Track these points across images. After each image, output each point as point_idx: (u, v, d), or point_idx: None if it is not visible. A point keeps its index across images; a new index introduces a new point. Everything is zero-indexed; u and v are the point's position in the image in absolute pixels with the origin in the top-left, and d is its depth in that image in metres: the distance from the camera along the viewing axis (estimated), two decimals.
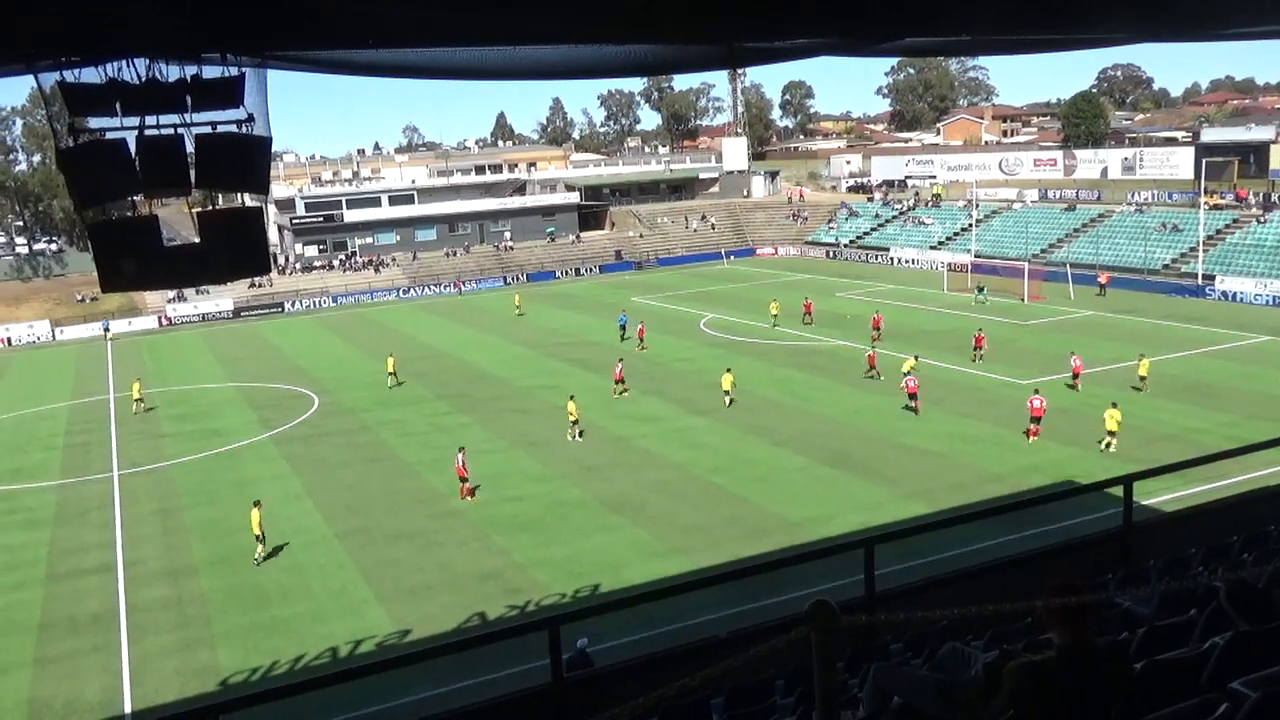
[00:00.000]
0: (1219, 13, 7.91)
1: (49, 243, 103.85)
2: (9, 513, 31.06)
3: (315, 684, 7.96)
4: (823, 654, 3.78)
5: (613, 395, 39.62)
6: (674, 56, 7.83)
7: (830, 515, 25.77)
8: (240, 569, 25.06)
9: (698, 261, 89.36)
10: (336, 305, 79.13)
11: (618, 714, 3.22)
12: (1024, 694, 4.29)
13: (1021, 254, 66.80)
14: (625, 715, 3.26)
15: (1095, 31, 8.54)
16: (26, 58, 5.80)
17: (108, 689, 19.65)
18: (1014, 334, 48.26)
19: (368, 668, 12.40)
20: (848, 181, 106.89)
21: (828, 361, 43.48)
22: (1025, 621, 7.72)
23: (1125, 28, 8.46)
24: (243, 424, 40.32)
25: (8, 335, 71.68)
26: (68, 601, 23.94)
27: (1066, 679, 4.31)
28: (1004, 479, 27.40)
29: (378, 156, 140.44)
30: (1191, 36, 10.65)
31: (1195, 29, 9.24)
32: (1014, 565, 10.19)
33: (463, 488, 29.01)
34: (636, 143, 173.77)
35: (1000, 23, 7.62)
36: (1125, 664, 4.73)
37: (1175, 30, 9.43)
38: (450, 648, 8.69)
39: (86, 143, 6.70)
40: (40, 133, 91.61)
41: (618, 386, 39.87)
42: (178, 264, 7.88)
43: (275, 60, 6.63)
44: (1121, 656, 4.73)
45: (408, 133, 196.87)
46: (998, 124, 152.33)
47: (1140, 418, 31.90)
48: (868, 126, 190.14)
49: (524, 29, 6.19)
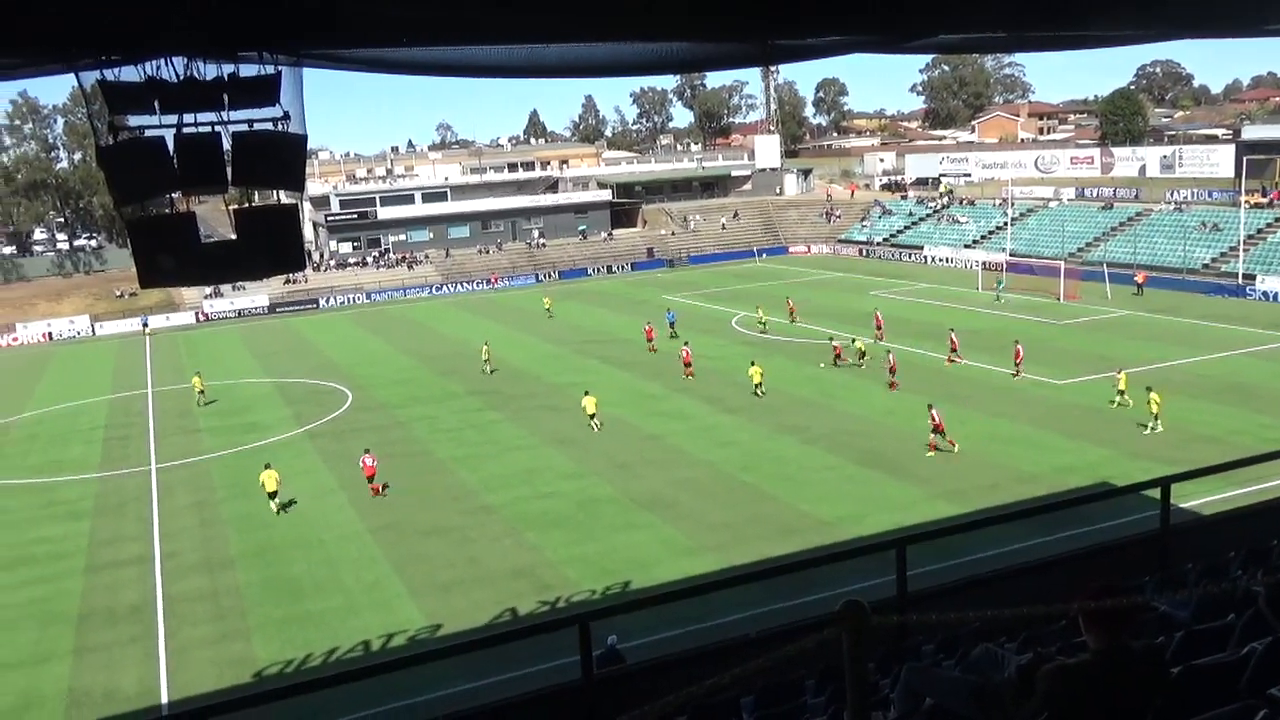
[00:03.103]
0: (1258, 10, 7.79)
1: (89, 239, 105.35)
2: (50, 504, 31.57)
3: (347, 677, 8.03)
4: (854, 654, 3.76)
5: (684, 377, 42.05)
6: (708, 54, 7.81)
7: (862, 515, 25.65)
8: (275, 562, 25.33)
9: (729, 259, 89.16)
10: (370, 302, 79.72)
11: (648, 711, 3.22)
12: (1058, 698, 4.24)
13: (1057, 253, 66.10)
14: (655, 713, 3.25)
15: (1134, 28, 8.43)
16: (68, 57, 5.88)
17: (145, 679, 19.93)
18: (1049, 334, 47.76)
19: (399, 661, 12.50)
20: (881, 179, 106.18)
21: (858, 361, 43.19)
22: (1060, 624, 7.64)
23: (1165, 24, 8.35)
24: (278, 419, 40.73)
25: (49, 330, 72.83)
26: (106, 592, 24.31)
27: (1102, 683, 4.26)
28: (1038, 480, 27.13)
29: (411, 154, 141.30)
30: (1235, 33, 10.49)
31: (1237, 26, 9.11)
32: (1049, 567, 10.09)
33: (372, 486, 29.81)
34: (669, 140, 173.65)
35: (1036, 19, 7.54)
36: (1162, 668, 4.67)
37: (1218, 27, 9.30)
38: (481, 643, 8.71)
39: (126, 140, 6.78)
40: (81, 130, 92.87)
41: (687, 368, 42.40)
42: (214, 260, 7.97)
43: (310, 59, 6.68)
44: (1158, 661, 4.67)
45: (441, 130, 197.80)
46: (1034, 121, 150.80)
47: (1178, 419, 31.50)
48: (902, 124, 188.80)
49: (557, 27, 6.20)
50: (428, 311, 71.73)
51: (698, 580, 20.30)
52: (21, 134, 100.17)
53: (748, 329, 53.69)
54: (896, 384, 38.31)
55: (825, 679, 7.83)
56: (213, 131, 6.74)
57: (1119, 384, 33.99)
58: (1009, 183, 77.90)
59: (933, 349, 44.00)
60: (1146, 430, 30.42)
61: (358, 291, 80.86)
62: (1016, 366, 38.79)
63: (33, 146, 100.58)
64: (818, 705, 7.54)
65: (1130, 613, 4.67)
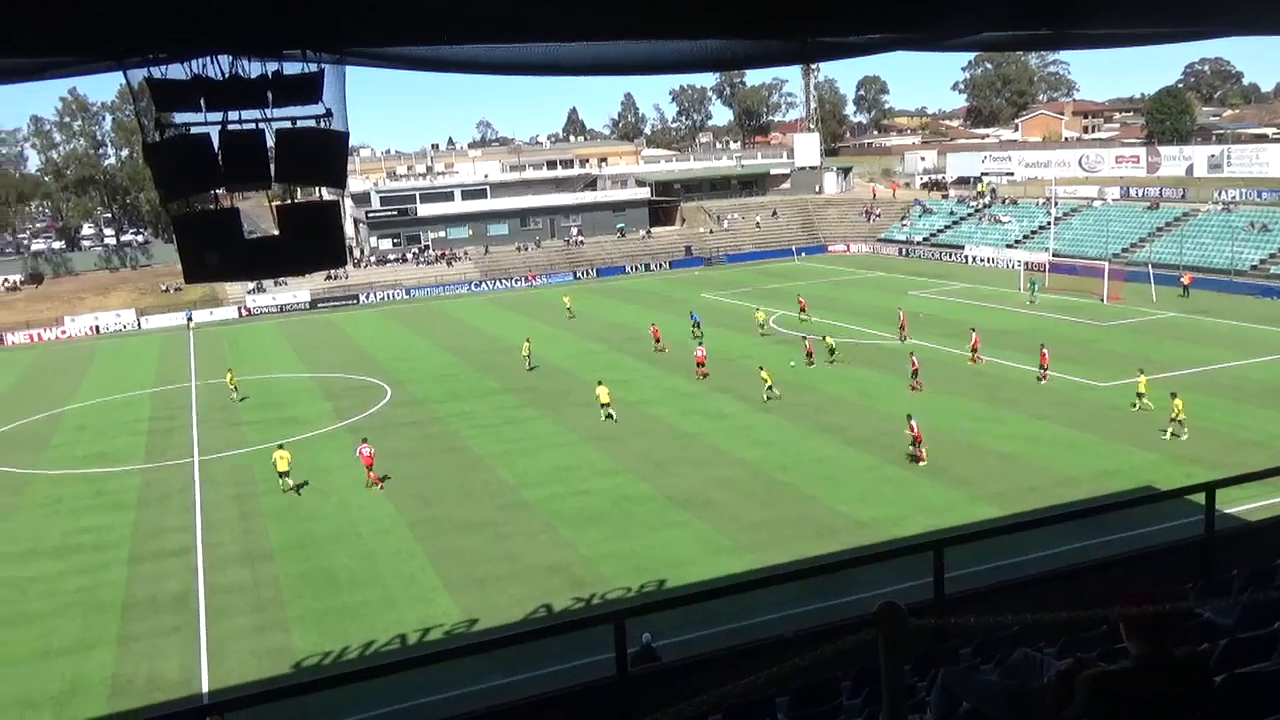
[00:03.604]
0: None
1: (136, 234, 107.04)
2: (96, 495, 32.14)
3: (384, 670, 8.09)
4: (891, 656, 3.74)
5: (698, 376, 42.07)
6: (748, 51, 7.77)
7: (900, 516, 25.46)
8: (314, 555, 25.62)
9: (768, 258, 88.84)
10: (409, 298, 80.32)
11: (682, 709, 3.22)
12: (1098, 704, 4.19)
13: (1101, 253, 65.22)
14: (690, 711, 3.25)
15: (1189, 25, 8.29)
16: (117, 55, 5.97)
17: (186, 668, 20.24)
18: (1092, 335, 47.13)
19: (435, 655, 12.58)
20: (921, 178, 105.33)
21: (898, 360, 42.84)
22: (1100, 629, 7.54)
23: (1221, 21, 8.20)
24: (318, 413, 41.17)
25: (96, 323, 74.12)
26: (149, 582, 24.70)
27: (1143, 690, 4.20)
28: (1079, 483, 26.78)
29: (451, 151, 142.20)
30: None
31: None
32: (1090, 571, 9.96)
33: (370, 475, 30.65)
34: (708, 138, 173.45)
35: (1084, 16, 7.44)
36: (1205, 676, 4.59)
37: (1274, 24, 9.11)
38: (517, 638, 8.76)
39: (172, 137, 6.86)
40: (129, 127, 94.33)
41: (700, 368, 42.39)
42: (257, 256, 8.05)
43: (353, 57, 6.73)
44: (1201, 668, 4.59)
45: (481, 128, 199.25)
46: (1078, 120, 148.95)
47: (1225, 423, 31.01)
48: (943, 122, 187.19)
49: (598, 24, 6.21)
50: (466, 308, 72.16)
51: (734, 579, 20.27)
52: (71, 131, 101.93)
53: (785, 328, 53.46)
54: (917, 386, 37.75)
55: (861, 680, 7.79)
56: (257, 129, 6.81)
57: (1139, 386, 33.51)
58: (1052, 182, 76.90)
59: (968, 349, 43.54)
60: (1166, 436, 29.82)
61: (397, 288, 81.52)
62: (1043, 370, 38.01)
63: (82, 143, 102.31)
64: (853, 707, 7.50)
65: (1173, 619, 4.60)
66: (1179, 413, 29.71)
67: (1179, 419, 29.73)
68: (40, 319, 74.68)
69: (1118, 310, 53.36)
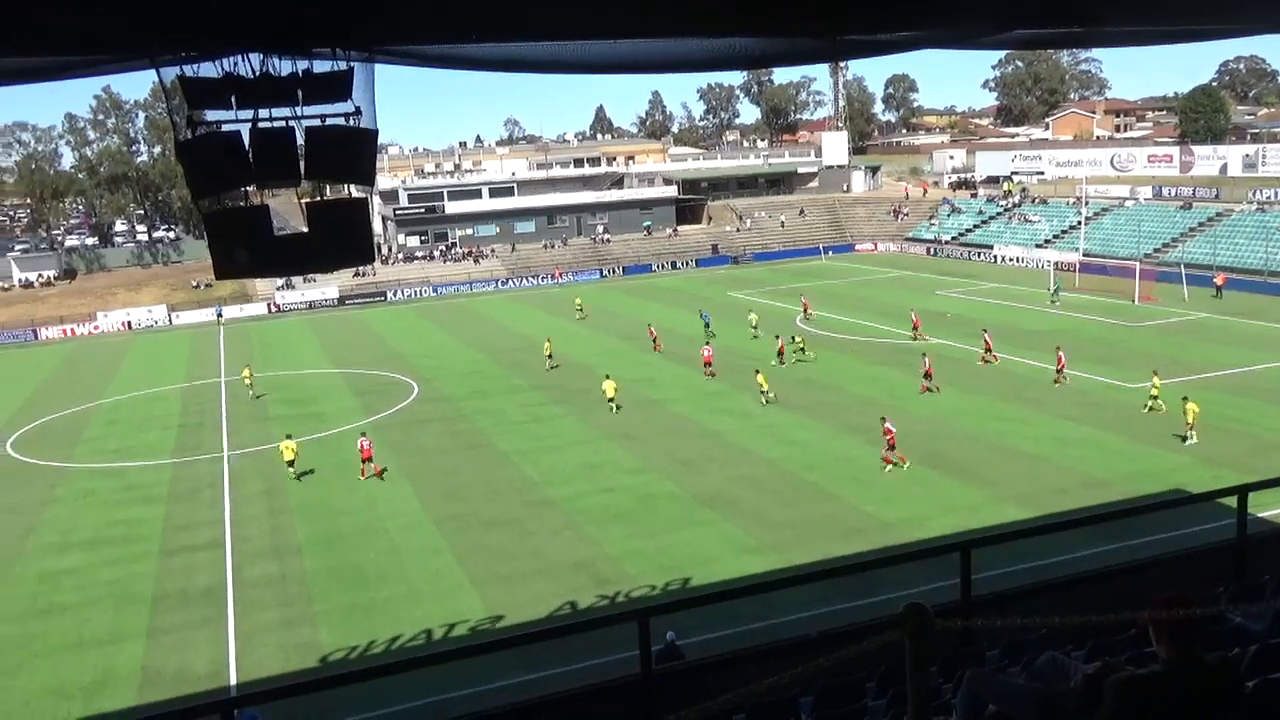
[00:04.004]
0: None
1: (168, 231, 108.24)
2: (127, 488, 32.52)
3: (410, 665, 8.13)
4: (916, 658, 3.72)
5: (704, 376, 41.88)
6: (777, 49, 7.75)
7: (926, 516, 25.32)
8: (341, 550, 25.80)
9: (795, 257, 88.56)
10: (436, 295, 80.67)
11: (707, 708, 3.22)
12: (1127, 709, 4.14)
13: (1133, 253, 64.50)
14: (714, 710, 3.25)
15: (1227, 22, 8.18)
16: (150, 53, 6.03)
17: (214, 661, 20.44)
18: (1122, 336, 46.66)
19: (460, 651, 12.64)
20: (950, 177, 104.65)
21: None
22: (1129, 633, 7.47)
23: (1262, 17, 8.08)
24: (345, 409, 41.45)
25: (128, 319, 74.97)
26: (179, 575, 24.97)
27: (1172, 695, 4.15)
28: (1109, 485, 26.53)
29: (479, 149, 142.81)
30: None
31: None
32: (1119, 574, 9.86)
33: (367, 468, 31.33)
34: (735, 136, 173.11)
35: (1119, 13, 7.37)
36: (1236, 682, 4.54)
37: None
38: (542, 635, 8.79)
39: (204, 135, 6.93)
40: (161, 125, 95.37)
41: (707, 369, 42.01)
42: (287, 252, 8.11)
43: (382, 55, 6.77)
44: (1232, 674, 4.54)
45: (508, 126, 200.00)
46: (1110, 118, 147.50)
47: (1257, 426, 30.64)
48: (973, 121, 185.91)
49: (627, 22, 6.21)
50: (493, 305, 72.40)
51: (758, 578, 20.24)
52: (105, 128, 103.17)
53: (812, 327, 53.26)
54: (928, 388, 37.34)
55: (886, 682, 7.76)
56: (287, 126, 6.86)
57: (1153, 388, 33.10)
58: (1083, 181, 76.17)
59: (1000, 350, 43.23)
60: (1186, 441, 29.31)
61: (424, 285, 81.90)
62: (1059, 372, 37.34)
63: (115, 140, 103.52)
64: (878, 708, 7.47)
65: (1203, 624, 4.54)
66: (1193, 416, 29.31)
67: (1190, 423, 29.33)
68: (74, 314, 75.67)
69: (1149, 311, 52.79)
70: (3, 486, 33.72)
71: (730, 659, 8.53)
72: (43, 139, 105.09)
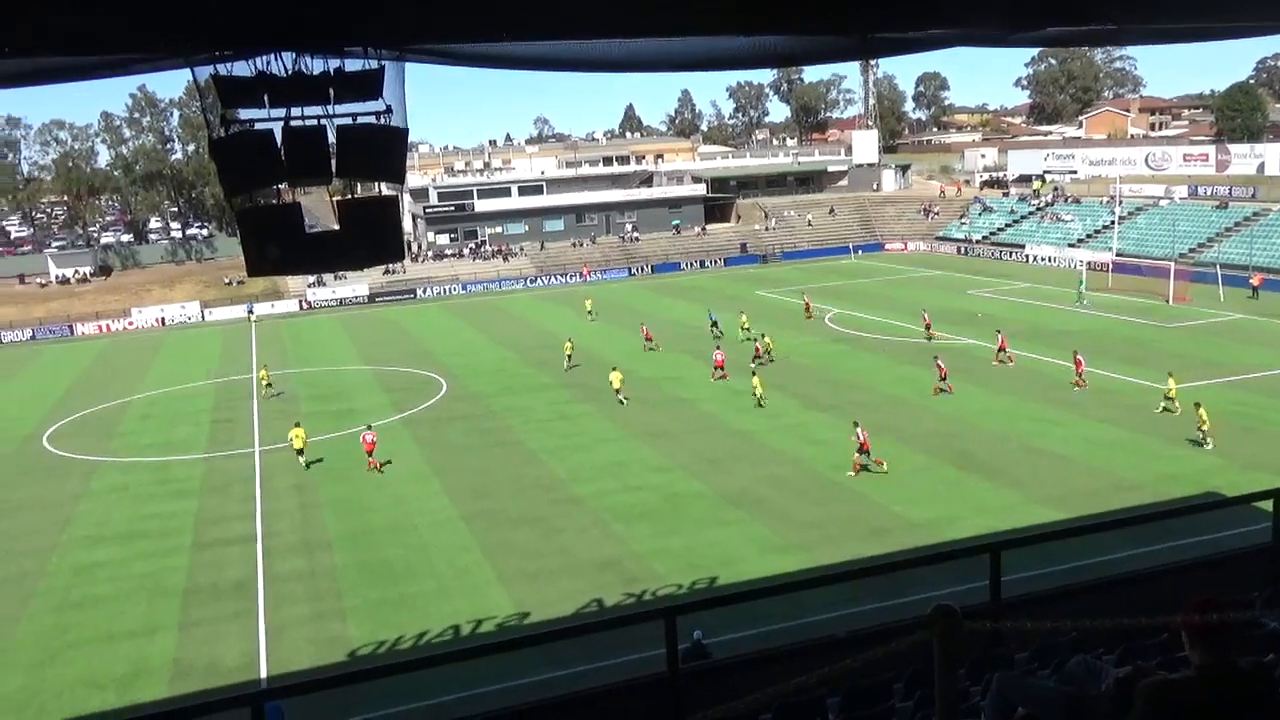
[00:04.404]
0: None
1: (201, 228, 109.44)
2: (161, 483, 32.90)
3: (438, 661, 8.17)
4: (945, 660, 3.70)
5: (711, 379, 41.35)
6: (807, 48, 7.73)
7: (955, 517, 25.15)
8: (370, 545, 25.97)
9: (824, 256, 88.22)
10: (466, 293, 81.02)
11: (733, 707, 3.22)
12: (1158, 714, 4.10)
13: (1167, 253, 63.73)
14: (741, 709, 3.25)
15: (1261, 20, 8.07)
16: (185, 52, 6.10)
17: (245, 654, 20.63)
18: (1156, 336, 46.13)
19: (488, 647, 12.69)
20: (982, 176, 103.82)
21: (955, 360, 42.35)
22: (1161, 637, 7.39)
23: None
24: (375, 405, 41.71)
25: (162, 315, 75.85)
26: (211, 569, 25.23)
27: (1205, 701, 4.10)
28: (1141, 487, 26.23)
29: (508, 147, 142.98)
30: None
31: None
32: (1151, 578, 9.75)
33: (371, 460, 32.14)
34: (765, 135, 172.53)
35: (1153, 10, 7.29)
36: (1270, 688, 4.47)
37: None
38: (569, 632, 8.81)
39: (237, 133, 7.01)
40: (195, 123, 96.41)
41: (716, 372, 41.69)
42: (318, 250, 8.19)
43: (412, 54, 6.81)
44: (1266, 679, 4.48)
45: (538, 124, 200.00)
46: (1145, 117, 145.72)
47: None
48: (1004, 119, 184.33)
49: (657, 21, 6.21)
50: (521, 303, 72.60)
51: (785, 578, 20.17)
52: (140, 126, 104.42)
53: (841, 326, 53.05)
54: (941, 389, 37.03)
55: (914, 683, 7.72)
56: (318, 124, 6.93)
57: (1169, 390, 32.70)
58: (1117, 180, 75.33)
59: (1030, 350, 42.89)
60: (1207, 446, 28.94)
61: (454, 282, 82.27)
62: (1078, 376, 36.75)
63: (150, 138, 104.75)
64: (905, 710, 7.43)
65: (1237, 629, 4.48)
66: (1204, 421, 28.97)
67: (1204, 427, 28.98)
68: (109, 310, 76.63)
69: (1184, 311, 52.15)
70: (40, 480, 34.21)
71: (757, 658, 8.51)
72: (79, 137, 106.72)
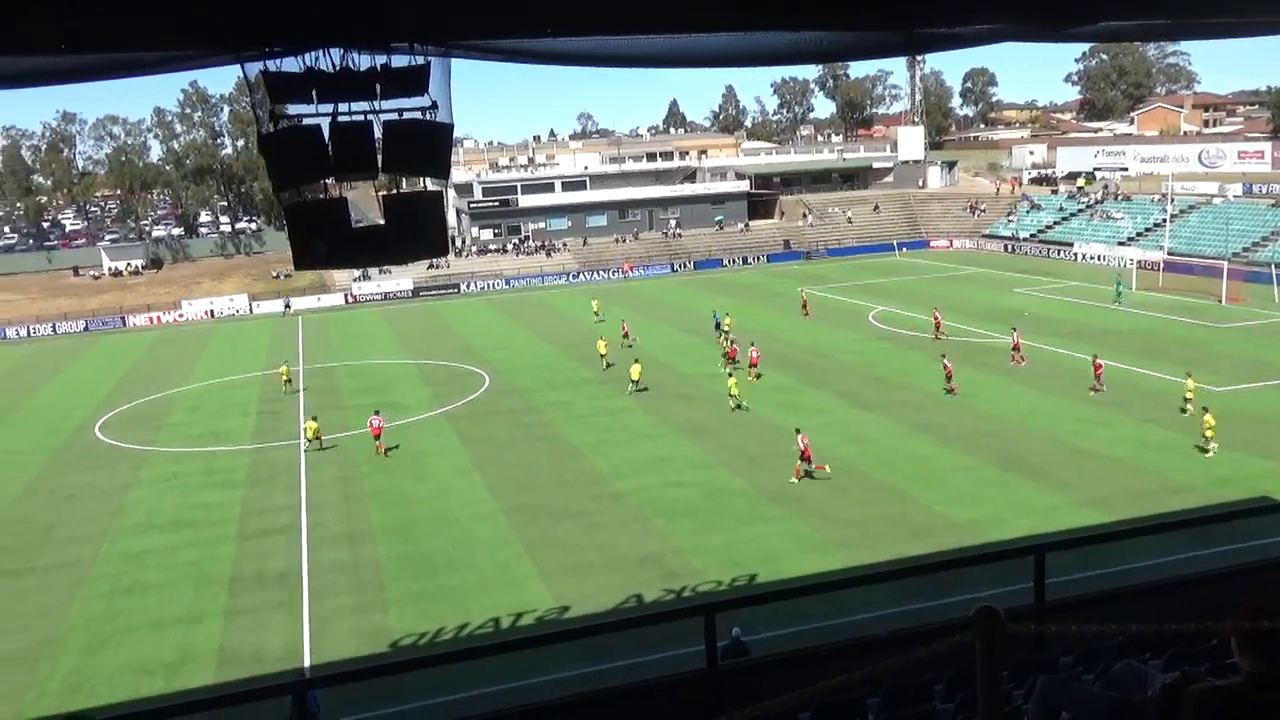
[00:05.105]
0: None
1: (250, 222, 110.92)
2: (208, 472, 33.44)
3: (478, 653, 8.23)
4: (987, 662, 3.65)
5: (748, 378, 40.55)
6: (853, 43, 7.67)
7: (999, 518, 24.88)
8: (412, 538, 26.21)
9: (868, 253, 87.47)
10: (509, 287, 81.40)
11: (772, 706, 3.20)
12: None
13: (1220, 252, 62.49)
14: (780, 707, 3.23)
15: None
16: (236, 48, 6.19)
17: (289, 643, 20.92)
18: (1208, 337, 45.26)
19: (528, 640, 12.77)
20: (1030, 173, 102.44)
21: (1000, 359, 41.87)
22: (1210, 643, 7.26)
23: None
24: (418, 399, 42.07)
25: (211, 307, 77.00)
26: (256, 559, 25.61)
27: (1254, 708, 4.02)
28: (1192, 490, 25.77)
29: (552, 143, 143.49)
30: None
31: None
32: (1200, 582, 9.57)
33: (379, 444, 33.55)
34: (809, 131, 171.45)
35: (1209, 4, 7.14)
36: None
37: None
38: (608, 627, 8.82)
39: (285, 128, 7.09)
40: (244, 119, 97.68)
41: (752, 369, 41.39)
42: (364, 244, 8.27)
43: (458, 50, 6.85)
44: None
45: (582, 120, 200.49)
46: (1198, 113, 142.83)
47: None
48: (1054, 115, 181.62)
49: (703, 17, 6.19)
50: (564, 298, 72.80)
51: (826, 577, 20.07)
52: (191, 121, 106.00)
53: (885, 324, 52.64)
54: (952, 389, 36.65)
55: (955, 685, 7.65)
56: (365, 120, 6.99)
57: (1188, 390, 32.13)
58: (1169, 177, 73.98)
59: (1076, 349, 42.26)
60: (1206, 453, 28.41)
61: (497, 277, 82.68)
62: (1097, 380, 35.92)
63: (201, 133, 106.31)
64: (946, 711, 7.37)
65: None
66: (1209, 428, 28.44)
67: (1208, 433, 28.45)
68: (159, 303, 77.93)
69: (1236, 312, 51.11)
70: (92, 468, 34.93)
71: (796, 657, 8.47)
72: (132, 132, 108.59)
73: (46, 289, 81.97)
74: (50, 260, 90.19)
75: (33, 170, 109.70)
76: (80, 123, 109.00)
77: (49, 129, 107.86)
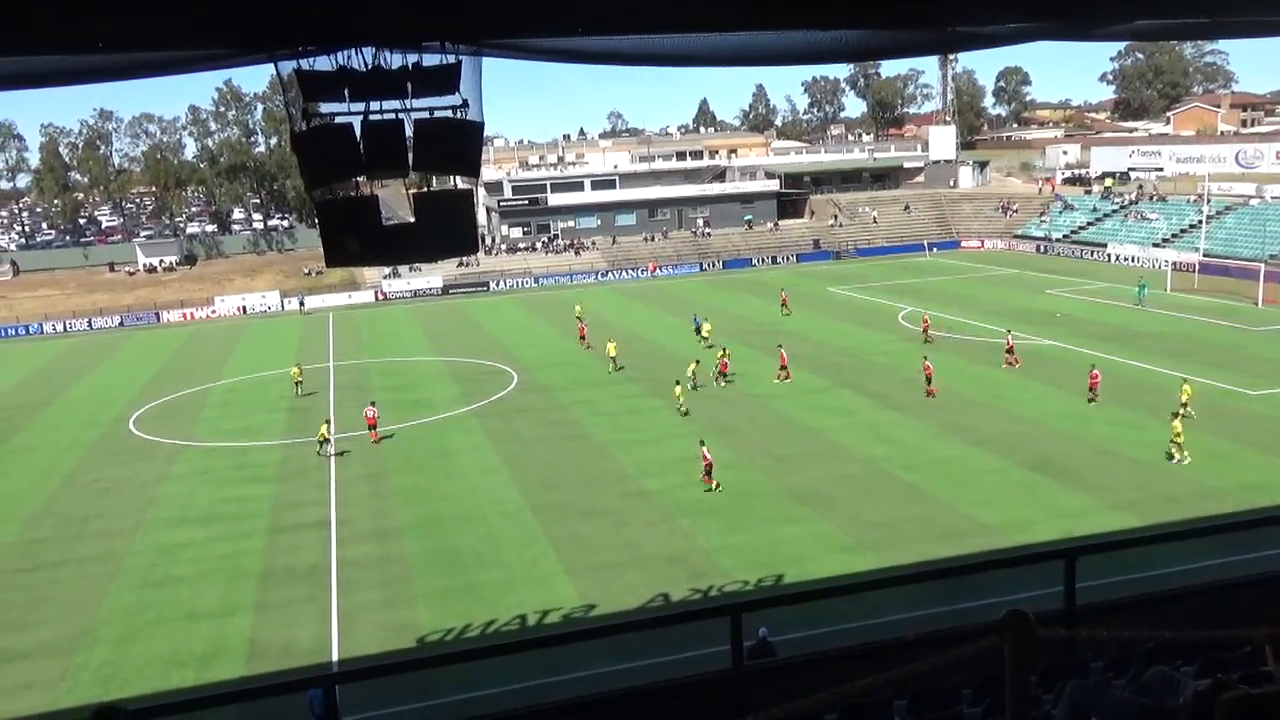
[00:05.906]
0: None
1: (282, 219, 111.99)
2: (239, 467, 33.76)
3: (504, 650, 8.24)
4: (1016, 666, 3.63)
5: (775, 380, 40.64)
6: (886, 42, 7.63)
7: (1029, 521, 24.67)
8: (440, 534, 26.34)
9: (898, 253, 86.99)
10: (538, 286, 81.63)
11: (799, 707, 3.20)
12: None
13: (1257, 254, 61.62)
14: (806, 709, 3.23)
15: None
16: (269, 47, 6.24)
17: (318, 637, 21.09)
18: (1243, 340, 44.64)
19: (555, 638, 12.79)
20: (1063, 173, 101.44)
21: (1031, 361, 41.50)
22: (1243, 650, 7.17)
23: None
24: (447, 397, 42.27)
25: (243, 304, 77.76)
26: (286, 553, 25.83)
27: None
28: (1225, 495, 25.44)
29: (582, 142, 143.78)
30: None
31: None
32: (1233, 589, 9.44)
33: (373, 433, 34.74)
34: (840, 130, 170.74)
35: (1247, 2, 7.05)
36: None
37: None
38: (634, 625, 8.82)
39: (318, 126, 7.14)
40: (277, 117, 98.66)
41: (782, 372, 41.01)
42: (394, 242, 8.30)
43: (489, 48, 6.87)
44: None
45: (612, 118, 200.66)
46: (1236, 113, 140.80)
47: None
48: (1088, 115, 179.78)
49: (735, 15, 6.18)
50: (592, 297, 72.85)
51: (854, 578, 19.97)
52: (225, 119, 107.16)
53: (915, 324, 52.30)
54: (932, 392, 36.53)
55: (984, 689, 7.59)
56: (396, 118, 7.02)
57: (1183, 396, 31.68)
58: (1205, 178, 73.00)
59: (1106, 351, 41.81)
60: (1173, 460, 28.10)
61: (526, 275, 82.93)
62: (1092, 392, 35.05)
63: (234, 131, 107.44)
64: (974, 715, 7.32)
65: None
66: (1178, 434, 28.21)
67: (1178, 439, 28.18)
68: (193, 299, 78.81)
69: (1273, 314, 50.37)
70: (127, 461, 35.37)
71: (822, 658, 8.44)
72: (168, 130, 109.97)
73: (83, 284, 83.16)
74: (86, 256, 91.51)
75: (70, 167, 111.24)
76: (117, 120, 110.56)
77: (86, 127, 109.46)
